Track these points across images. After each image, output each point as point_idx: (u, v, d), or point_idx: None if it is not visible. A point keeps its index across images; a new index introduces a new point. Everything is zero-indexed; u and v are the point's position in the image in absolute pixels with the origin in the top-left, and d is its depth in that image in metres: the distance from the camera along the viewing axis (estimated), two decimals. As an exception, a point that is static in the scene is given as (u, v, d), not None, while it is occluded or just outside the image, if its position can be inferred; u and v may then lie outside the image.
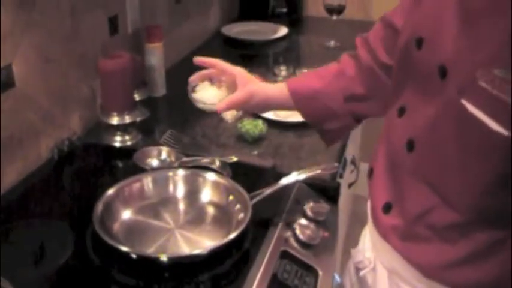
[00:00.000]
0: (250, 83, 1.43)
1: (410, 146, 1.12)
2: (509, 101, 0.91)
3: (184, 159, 1.59)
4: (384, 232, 1.23)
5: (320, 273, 1.30)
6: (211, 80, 1.48)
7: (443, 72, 1.02)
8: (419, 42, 1.10)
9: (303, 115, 1.47)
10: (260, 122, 1.81)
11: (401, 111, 1.17)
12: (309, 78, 1.48)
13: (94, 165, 1.71)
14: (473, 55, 0.97)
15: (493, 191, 1.01)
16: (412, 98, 1.15)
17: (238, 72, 1.45)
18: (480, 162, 1.00)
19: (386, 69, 1.35)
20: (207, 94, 1.45)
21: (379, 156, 1.27)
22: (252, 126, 1.78)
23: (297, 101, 1.44)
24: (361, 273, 1.34)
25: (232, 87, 1.44)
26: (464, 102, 0.97)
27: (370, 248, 1.32)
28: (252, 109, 1.48)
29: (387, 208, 1.21)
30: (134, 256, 1.22)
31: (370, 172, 1.31)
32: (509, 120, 0.93)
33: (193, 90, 1.47)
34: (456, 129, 1.01)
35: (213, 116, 1.86)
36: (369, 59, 1.39)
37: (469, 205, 1.05)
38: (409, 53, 1.14)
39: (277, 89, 1.46)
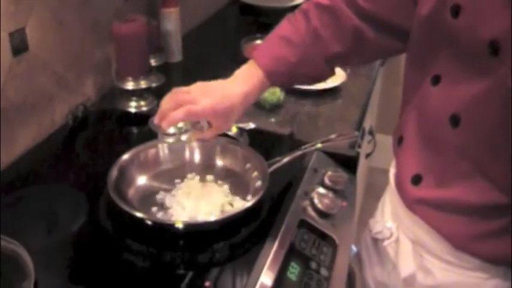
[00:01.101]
0: (220, 119, 1.25)
1: (455, 121, 1.05)
2: None
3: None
4: (410, 203, 1.20)
5: (338, 243, 1.28)
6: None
7: (494, 49, 0.94)
8: (456, 10, 1.01)
9: (282, 87, 1.46)
10: (278, 89, 1.78)
11: (436, 80, 1.10)
12: (281, 50, 1.30)
13: (109, 131, 1.69)
14: None
15: None
16: (449, 68, 1.07)
17: (208, 114, 1.24)
18: None
19: (363, 16, 1.25)
20: None
21: (410, 125, 1.21)
22: (270, 94, 1.75)
23: (275, 80, 1.32)
24: (385, 243, 1.30)
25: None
26: None
27: (391, 217, 1.29)
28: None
29: (417, 180, 1.17)
30: (149, 222, 1.21)
31: (400, 140, 1.24)
32: None
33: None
34: (506, 109, 0.96)
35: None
36: (342, 4, 1.27)
37: None
38: (442, 20, 1.04)
39: (244, 85, 1.28)
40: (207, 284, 1.11)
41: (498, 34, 0.93)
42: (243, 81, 1.29)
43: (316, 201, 1.34)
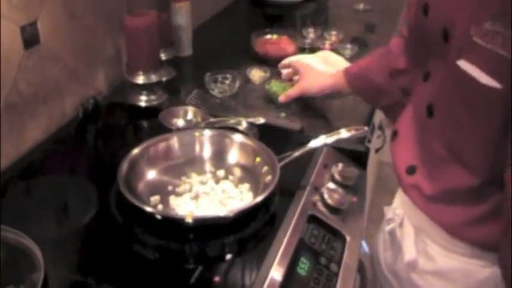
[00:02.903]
0: (303, 79, 1.69)
1: (430, 111, 1.14)
2: (503, 53, 0.93)
3: (211, 119, 1.56)
4: (408, 192, 1.25)
5: (348, 238, 1.28)
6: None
7: (445, 36, 1.05)
8: (426, 9, 1.12)
9: (357, 93, 1.60)
10: (288, 83, 1.78)
11: (426, 77, 1.19)
12: (362, 59, 1.60)
13: (119, 125, 1.69)
14: (471, 14, 0.98)
15: (504, 149, 1.01)
16: (432, 64, 1.17)
17: (301, 67, 1.74)
18: (487, 121, 1.03)
19: None
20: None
21: (405, 120, 1.29)
22: (280, 88, 1.75)
23: (349, 80, 1.56)
24: (387, 228, 1.34)
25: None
26: (459, 62, 1.00)
27: (400, 205, 1.33)
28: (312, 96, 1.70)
29: (411, 171, 1.22)
30: (159, 217, 1.21)
31: (394, 134, 1.32)
32: (503, 73, 0.94)
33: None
34: (460, 91, 1.04)
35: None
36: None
37: (485, 167, 1.07)
38: (419, 20, 1.17)
39: (330, 77, 1.62)
40: (216, 278, 1.11)
41: (447, 21, 1.05)
42: (334, 73, 1.65)
43: (326, 196, 1.34)
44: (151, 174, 1.36)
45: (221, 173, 1.38)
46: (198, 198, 1.30)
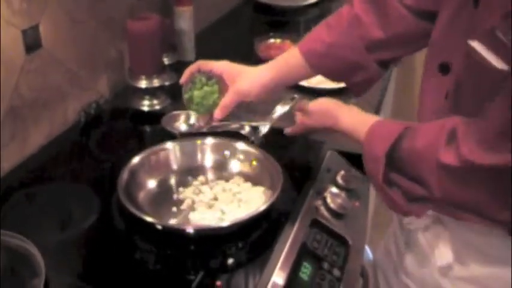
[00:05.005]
0: (238, 80, 1.37)
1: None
2: None
3: (213, 124, 1.55)
4: None
5: (351, 243, 1.27)
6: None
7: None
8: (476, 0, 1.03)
9: (324, 75, 1.39)
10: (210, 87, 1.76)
11: (444, 68, 1.12)
12: (320, 32, 1.36)
13: (121, 129, 1.69)
14: None
15: None
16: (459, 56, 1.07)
17: (224, 69, 1.41)
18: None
19: (407, 5, 1.27)
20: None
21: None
22: (206, 95, 1.73)
23: (313, 61, 1.34)
24: (413, 231, 1.26)
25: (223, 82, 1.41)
26: (472, 43, 0.94)
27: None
28: (258, 99, 1.39)
29: None
30: (159, 227, 1.20)
31: None
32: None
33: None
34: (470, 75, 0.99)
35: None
36: None
37: None
38: (463, 11, 1.08)
39: (267, 69, 1.39)
40: (218, 283, 1.10)
41: None
42: (274, 61, 1.40)
43: (328, 200, 1.33)
44: (152, 184, 1.36)
45: (222, 181, 1.38)
46: (197, 206, 1.30)
